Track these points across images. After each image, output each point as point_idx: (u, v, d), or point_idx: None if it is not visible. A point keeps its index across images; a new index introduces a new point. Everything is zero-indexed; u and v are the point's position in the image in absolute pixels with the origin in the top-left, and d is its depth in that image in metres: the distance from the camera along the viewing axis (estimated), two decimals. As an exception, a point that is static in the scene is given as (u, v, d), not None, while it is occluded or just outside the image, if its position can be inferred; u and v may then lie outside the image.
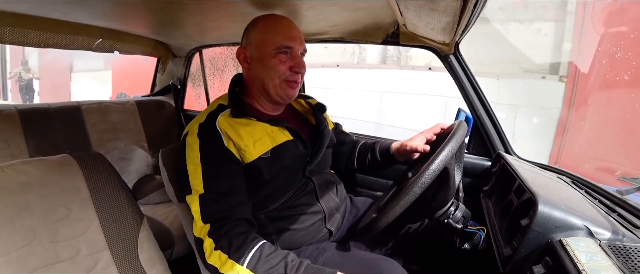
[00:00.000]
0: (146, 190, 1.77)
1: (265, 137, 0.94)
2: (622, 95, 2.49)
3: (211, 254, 0.77)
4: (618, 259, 0.58)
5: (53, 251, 0.72)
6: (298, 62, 0.96)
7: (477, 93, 1.31)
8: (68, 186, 0.79)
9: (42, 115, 1.58)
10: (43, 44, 1.40)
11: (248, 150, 0.90)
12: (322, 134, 1.07)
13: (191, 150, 0.87)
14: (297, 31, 0.98)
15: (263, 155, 0.91)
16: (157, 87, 2.33)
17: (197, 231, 0.81)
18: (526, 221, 0.70)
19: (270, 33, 0.95)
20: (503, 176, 1.06)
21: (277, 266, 0.75)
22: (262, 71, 0.96)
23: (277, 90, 0.96)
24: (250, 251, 0.76)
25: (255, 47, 0.96)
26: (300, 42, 0.97)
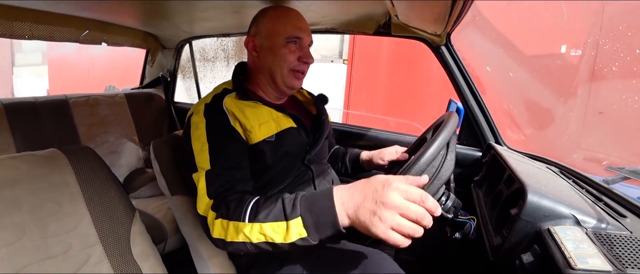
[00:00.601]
0: (137, 183, 1.76)
1: (271, 121, 0.95)
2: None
3: (214, 227, 0.76)
4: (603, 246, 0.60)
5: (44, 247, 0.71)
6: (306, 53, 0.99)
7: (468, 84, 1.32)
8: (57, 180, 0.78)
9: (29, 109, 1.55)
10: (28, 36, 1.36)
11: (253, 131, 0.91)
12: (323, 124, 1.09)
13: (197, 129, 0.87)
14: (306, 23, 1.00)
15: (268, 138, 0.92)
16: (146, 79, 2.30)
17: (201, 208, 0.79)
18: (516, 211, 0.72)
19: (280, 23, 0.97)
20: (493, 166, 1.08)
21: (275, 206, 0.71)
22: (271, 60, 0.98)
23: (285, 80, 0.99)
24: (248, 206, 0.74)
25: (265, 37, 0.98)
26: (308, 34, 1.00)
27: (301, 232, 0.66)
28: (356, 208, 0.62)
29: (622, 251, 0.58)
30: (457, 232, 0.91)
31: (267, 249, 0.72)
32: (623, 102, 2.55)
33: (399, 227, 0.58)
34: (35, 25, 1.38)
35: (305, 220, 0.66)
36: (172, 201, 1.03)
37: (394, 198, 0.58)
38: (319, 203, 0.66)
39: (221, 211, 0.75)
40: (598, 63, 2.73)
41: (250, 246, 0.72)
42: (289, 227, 0.67)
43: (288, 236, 0.67)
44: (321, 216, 0.65)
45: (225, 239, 0.74)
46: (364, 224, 0.60)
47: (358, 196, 0.62)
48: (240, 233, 0.72)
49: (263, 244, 0.71)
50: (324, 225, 0.65)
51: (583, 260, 0.54)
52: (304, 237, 0.66)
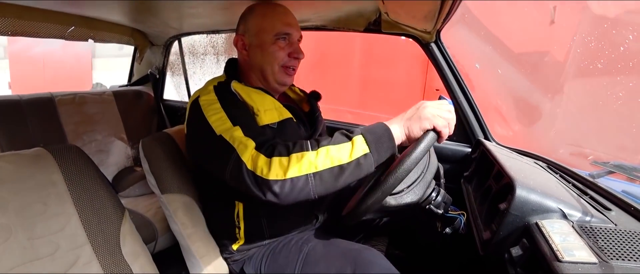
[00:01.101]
0: (127, 182, 1.74)
1: (274, 109, 0.96)
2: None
3: (270, 168, 0.72)
4: (589, 239, 0.61)
5: (31, 248, 0.70)
6: (296, 48, 0.99)
7: (457, 80, 1.33)
8: (44, 180, 0.77)
9: (13, 107, 1.52)
10: (11, 32, 1.32)
11: (260, 114, 0.91)
12: (317, 120, 1.10)
13: (209, 105, 0.85)
14: (294, 18, 1.00)
15: (271, 124, 0.92)
16: (134, 77, 2.26)
17: (247, 156, 0.75)
18: (504, 205, 0.73)
19: (268, 20, 0.97)
20: (483, 162, 1.09)
21: (334, 136, 0.77)
22: (261, 58, 0.98)
23: (275, 77, 0.99)
24: (308, 142, 0.76)
25: (254, 34, 0.98)
26: (297, 29, 1.00)
27: (364, 148, 0.74)
28: (404, 119, 0.79)
29: (606, 243, 0.59)
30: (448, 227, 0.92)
31: (330, 180, 0.73)
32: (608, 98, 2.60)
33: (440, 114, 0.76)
34: (18, 21, 1.34)
35: (367, 137, 0.75)
36: (162, 200, 1.02)
37: (427, 103, 0.78)
38: (374, 127, 0.78)
39: (279, 150, 0.75)
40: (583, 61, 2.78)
41: (313, 179, 0.72)
42: (353, 144, 0.74)
43: (353, 152, 0.73)
44: (379, 134, 0.76)
45: (285, 177, 0.71)
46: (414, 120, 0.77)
47: (404, 116, 0.79)
48: (306, 161, 0.72)
49: (328, 171, 0.73)
50: (382, 141, 0.75)
51: (570, 253, 0.56)
52: (367, 153, 0.74)
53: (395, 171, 0.73)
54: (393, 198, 0.80)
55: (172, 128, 1.16)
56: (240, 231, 0.98)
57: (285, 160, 0.73)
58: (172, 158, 1.04)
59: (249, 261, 1.01)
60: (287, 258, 0.95)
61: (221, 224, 1.03)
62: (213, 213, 1.05)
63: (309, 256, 0.93)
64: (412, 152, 0.72)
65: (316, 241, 0.97)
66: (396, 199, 0.81)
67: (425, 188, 0.85)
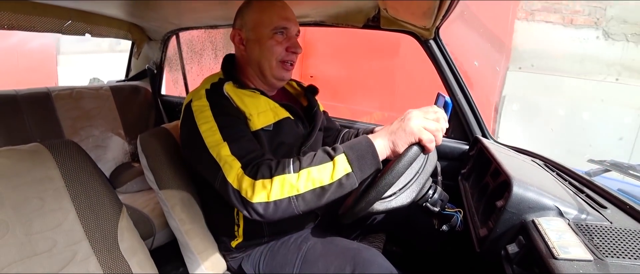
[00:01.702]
0: (124, 178, 1.73)
1: (269, 110, 0.95)
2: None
3: (255, 190, 0.73)
4: (585, 236, 0.61)
5: (28, 244, 0.69)
6: (294, 43, 0.98)
7: (456, 78, 1.33)
8: (41, 176, 0.76)
9: (9, 102, 1.50)
10: (7, 26, 1.31)
11: (252, 119, 0.91)
12: (315, 115, 1.09)
13: (201, 112, 0.86)
14: (292, 12, 0.99)
15: (265, 127, 0.92)
16: (132, 72, 2.25)
17: (232, 176, 0.76)
18: (501, 203, 0.73)
19: (266, 14, 0.95)
20: (480, 159, 1.10)
21: (317, 154, 0.76)
22: (258, 53, 0.96)
23: (273, 71, 0.98)
24: (290, 161, 0.76)
25: (251, 29, 0.96)
26: (295, 23, 0.99)
27: (346, 168, 0.73)
28: (390, 132, 0.76)
29: (602, 241, 0.60)
30: (444, 224, 0.92)
31: (312, 200, 0.73)
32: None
33: (427, 125, 0.73)
34: (14, 15, 1.33)
35: (349, 155, 0.73)
36: (160, 196, 1.02)
37: (415, 112, 0.76)
38: (357, 143, 0.76)
39: (262, 172, 0.75)
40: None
41: (296, 201, 0.73)
42: (335, 165, 0.73)
43: (335, 173, 0.72)
44: (362, 151, 0.74)
45: (268, 200, 0.72)
46: (400, 133, 0.74)
47: (388, 129, 0.77)
48: (287, 185, 0.72)
49: (310, 193, 0.73)
50: (365, 158, 0.74)
51: (565, 250, 0.56)
52: (349, 173, 0.72)
53: (376, 185, 0.73)
54: (380, 203, 0.81)
55: (170, 124, 1.15)
56: (240, 229, 0.98)
57: (268, 183, 0.73)
58: (170, 154, 1.04)
59: (247, 259, 1.02)
60: (286, 257, 0.95)
61: (220, 221, 1.03)
62: (213, 210, 1.05)
63: (308, 254, 0.93)
64: (394, 167, 0.72)
65: (315, 240, 0.97)
66: (383, 204, 0.81)
67: (419, 189, 0.85)
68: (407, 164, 0.72)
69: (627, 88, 3.26)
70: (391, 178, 0.72)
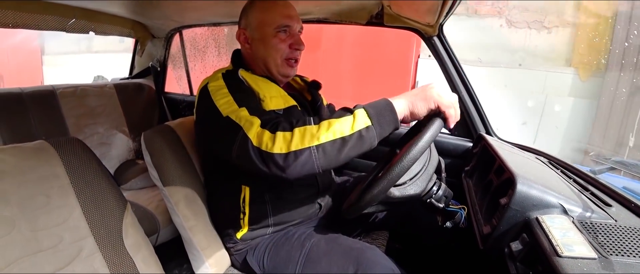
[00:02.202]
0: (128, 175, 1.74)
1: (279, 97, 0.98)
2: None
3: (275, 141, 0.73)
4: (589, 234, 0.61)
5: (34, 240, 0.70)
6: (297, 40, 1.00)
7: (459, 75, 1.32)
8: (46, 173, 0.77)
9: (14, 100, 1.52)
10: (12, 24, 1.32)
11: (266, 100, 0.93)
12: (319, 109, 1.11)
13: (218, 91, 0.87)
14: (294, 10, 1.01)
15: (277, 110, 0.94)
16: (135, 70, 2.26)
17: (253, 133, 0.76)
18: (505, 200, 0.73)
19: (268, 13, 0.98)
20: (484, 156, 1.09)
21: (338, 112, 0.78)
22: (263, 51, 0.99)
23: (278, 69, 1.01)
24: (311, 117, 0.77)
25: (256, 28, 0.99)
26: (297, 20, 1.01)
27: (366, 121, 0.74)
28: (409, 95, 0.78)
29: (606, 239, 0.60)
30: (448, 221, 0.92)
31: (332, 152, 0.73)
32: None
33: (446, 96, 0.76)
34: (19, 13, 1.34)
35: (368, 110, 0.75)
36: (164, 192, 1.02)
37: (437, 87, 0.78)
38: (376, 102, 0.77)
39: (283, 126, 0.76)
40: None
41: (316, 152, 0.72)
42: (355, 117, 0.74)
43: (355, 124, 0.73)
44: (381, 108, 0.76)
45: (288, 150, 0.72)
46: (419, 97, 0.76)
47: (409, 92, 0.78)
48: (308, 134, 0.73)
49: (330, 144, 0.72)
50: (384, 115, 0.75)
51: (569, 248, 0.56)
52: (369, 126, 0.74)
53: (401, 160, 0.73)
54: (397, 189, 0.80)
55: (173, 121, 1.16)
56: (245, 217, 0.99)
57: (288, 134, 0.74)
58: (174, 151, 1.05)
59: (252, 252, 1.02)
60: (290, 253, 0.96)
61: (226, 211, 1.04)
62: (218, 200, 1.06)
63: (312, 252, 0.93)
64: (419, 139, 0.73)
65: (319, 237, 0.97)
66: (400, 190, 0.81)
67: (427, 181, 0.85)
68: (432, 136, 0.73)
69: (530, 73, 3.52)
70: (416, 152, 0.72)
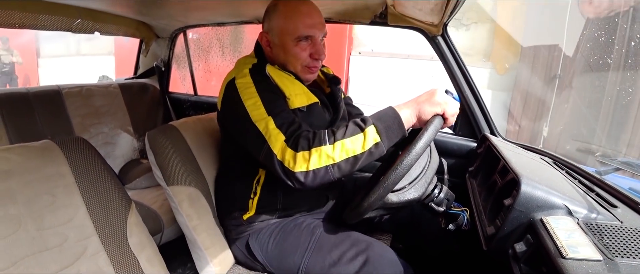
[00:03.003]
0: (133, 174, 1.75)
1: (303, 94, 0.99)
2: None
3: (296, 161, 0.79)
4: (594, 236, 0.61)
5: (39, 238, 0.71)
6: (318, 50, 0.99)
7: (464, 75, 1.32)
8: (51, 172, 0.78)
9: (21, 100, 1.53)
10: (18, 25, 1.33)
11: (291, 98, 0.95)
12: (338, 104, 1.11)
13: (246, 88, 0.90)
14: (318, 17, 0.99)
15: (301, 107, 0.96)
16: (140, 69, 2.27)
17: (278, 148, 0.82)
18: (509, 201, 0.72)
19: (291, 22, 0.95)
20: (488, 157, 1.09)
21: (348, 126, 0.82)
22: (283, 57, 1.00)
23: (298, 74, 1.01)
24: (324, 133, 0.81)
25: (277, 35, 0.98)
26: (321, 29, 0.99)
27: (376, 138, 0.79)
28: (414, 102, 0.83)
29: (612, 241, 0.59)
30: (451, 224, 0.92)
31: (347, 167, 0.79)
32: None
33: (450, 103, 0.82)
34: (25, 14, 1.35)
35: (378, 126, 0.79)
36: (168, 192, 1.03)
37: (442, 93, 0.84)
38: (383, 114, 0.82)
39: (301, 145, 0.80)
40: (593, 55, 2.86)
41: (332, 169, 0.79)
42: (366, 136, 0.78)
43: (366, 143, 0.78)
44: (389, 122, 0.80)
45: (308, 169, 0.78)
46: (425, 103, 0.82)
47: (416, 100, 0.83)
48: (324, 155, 0.78)
49: (344, 162, 0.79)
50: (392, 128, 0.80)
51: (574, 249, 0.55)
52: (378, 142, 0.79)
53: (396, 168, 0.74)
54: (395, 195, 0.81)
55: (177, 121, 1.16)
56: (255, 198, 1.01)
57: (307, 154, 0.79)
58: (178, 151, 1.05)
59: (255, 236, 1.02)
60: (299, 239, 0.97)
61: (237, 191, 1.04)
62: (232, 180, 1.07)
63: (321, 240, 0.95)
64: (421, 136, 0.75)
65: (329, 227, 0.99)
66: (398, 196, 0.81)
67: (427, 184, 0.85)
68: (432, 134, 0.77)
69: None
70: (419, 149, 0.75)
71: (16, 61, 7.14)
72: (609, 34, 2.79)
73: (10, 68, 7.12)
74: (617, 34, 2.74)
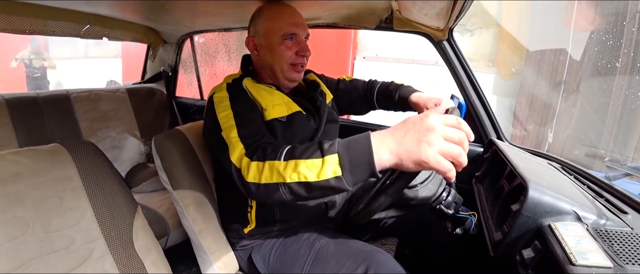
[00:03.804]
0: (139, 178, 1.77)
1: (283, 104, 1.00)
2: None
3: (249, 170, 0.76)
4: (604, 242, 0.60)
5: (47, 241, 0.71)
6: (302, 47, 1.03)
7: (470, 79, 1.31)
8: (60, 175, 0.78)
9: (30, 104, 1.55)
10: (28, 31, 1.36)
11: (268, 110, 0.96)
12: (319, 109, 1.11)
13: (221, 102, 0.93)
14: (300, 17, 1.04)
15: (280, 118, 0.97)
16: (147, 74, 2.29)
17: (235, 156, 0.80)
18: (517, 206, 0.71)
19: (275, 21, 1.01)
20: (495, 162, 1.08)
21: (313, 146, 0.71)
22: (270, 57, 1.02)
23: (285, 74, 1.03)
24: (284, 148, 0.74)
25: (263, 36, 1.02)
26: (304, 28, 1.04)
27: (336, 170, 0.65)
28: (398, 142, 0.61)
29: (622, 248, 0.58)
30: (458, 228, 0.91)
31: (300, 192, 0.70)
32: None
33: (448, 150, 0.58)
34: (35, 20, 1.37)
35: (342, 157, 0.65)
36: (174, 196, 1.03)
37: (436, 123, 0.59)
38: (356, 143, 0.65)
39: (257, 154, 0.76)
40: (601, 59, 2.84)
41: (284, 189, 0.71)
42: (324, 163, 0.66)
43: (322, 172, 0.66)
44: (358, 154, 0.64)
45: (260, 182, 0.73)
46: (411, 154, 0.60)
47: (398, 133, 0.62)
48: (275, 172, 0.71)
49: (296, 184, 0.69)
50: (359, 165, 0.64)
51: (584, 256, 0.54)
52: (339, 176, 0.65)
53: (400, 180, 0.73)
54: (411, 191, 0.81)
55: (184, 125, 1.17)
56: (252, 211, 1.00)
57: (261, 165, 0.74)
58: (184, 155, 1.06)
59: (258, 249, 1.03)
60: (298, 252, 0.96)
61: (234, 205, 1.05)
62: (228, 194, 1.08)
63: (320, 252, 0.94)
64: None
65: (328, 239, 0.98)
66: (413, 192, 0.81)
67: (438, 185, 0.85)
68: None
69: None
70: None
71: (49, 66, 6.47)
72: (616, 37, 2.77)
73: (41, 73, 6.40)
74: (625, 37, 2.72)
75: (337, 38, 4.03)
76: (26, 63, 6.13)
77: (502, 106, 3.87)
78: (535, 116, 3.63)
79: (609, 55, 2.85)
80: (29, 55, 6.14)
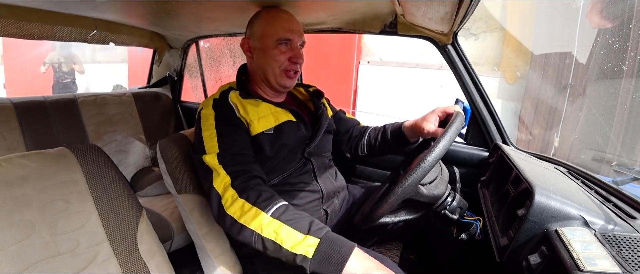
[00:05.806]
0: (144, 182, 1.77)
1: (270, 115, 1.01)
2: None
3: (232, 204, 0.79)
4: (612, 248, 0.59)
5: (53, 244, 0.72)
6: (296, 53, 1.03)
7: (475, 83, 1.30)
8: (66, 179, 0.79)
9: (38, 108, 1.57)
10: (37, 36, 1.37)
11: (253, 124, 0.97)
12: (320, 118, 1.12)
13: (206, 120, 0.95)
14: (297, 24, 1.04)
15: (266, 131, 0.98)
16: (153, 79, 2.31)
17: (218, 183, 0.83)
18: (523, 211, 0.71)
19: (271, 26, 1.01)
20: (500, 166, 1.07)
21: (305, 218, 0.77)
22: (263, 61, 1.03)
23: (277, 79, 1.03)
24: (278, 203, 0.79)
25: (258, 39, 1.03)
26: (299, 35, 1.04)
27: (309, 252, 0.72)
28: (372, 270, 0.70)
29: (631, 253, 0.57)
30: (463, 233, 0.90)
31: (268, 248, 0.76)
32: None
33: None
34: (43, 25, 1.39)
35: (321, 245, 0.72)
36: (178, 200, 1.04)
37: None
38: (340, 244, 0.72)
39: (248, 194, 0.80)
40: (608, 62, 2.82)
41: (257, 239, 0.76)
42: (303, 240, 0.73)
43: (297, 246, 0.72)
44: (335, 254, 0.71)
45: (238, 220, 0.77)
46: None
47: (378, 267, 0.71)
48: (257, 221, 0.76)
49: (269, 242, 0.75)
50: (331, 262, 0.70)
51: (591, 262, 0.54)
52: (307, 258, 0.72)
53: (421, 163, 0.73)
54: (425, 188, 0.81)
55: (188, 130, 1.18)
56: None
57: (247, 207, 0.79)
58: (189, 159, 1.06)
59: (260, 256, 1.02)
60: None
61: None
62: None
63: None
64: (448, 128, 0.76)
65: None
66: (428, 188, 0.81)
67: (445, 186, 0.85)
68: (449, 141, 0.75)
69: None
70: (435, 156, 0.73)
71: (79, 70, 6.10)
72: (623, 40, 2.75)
73: (71, 79, 6.07)
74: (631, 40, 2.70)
75: (341, 43, 4.09)
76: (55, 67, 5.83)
77: (507, 110, 3.85)
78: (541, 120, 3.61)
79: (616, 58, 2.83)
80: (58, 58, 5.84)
